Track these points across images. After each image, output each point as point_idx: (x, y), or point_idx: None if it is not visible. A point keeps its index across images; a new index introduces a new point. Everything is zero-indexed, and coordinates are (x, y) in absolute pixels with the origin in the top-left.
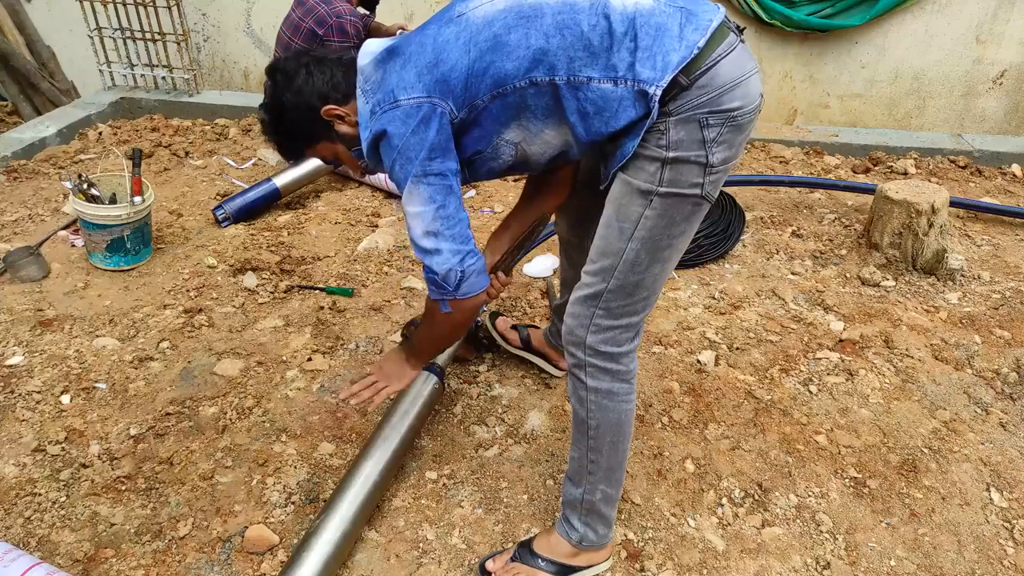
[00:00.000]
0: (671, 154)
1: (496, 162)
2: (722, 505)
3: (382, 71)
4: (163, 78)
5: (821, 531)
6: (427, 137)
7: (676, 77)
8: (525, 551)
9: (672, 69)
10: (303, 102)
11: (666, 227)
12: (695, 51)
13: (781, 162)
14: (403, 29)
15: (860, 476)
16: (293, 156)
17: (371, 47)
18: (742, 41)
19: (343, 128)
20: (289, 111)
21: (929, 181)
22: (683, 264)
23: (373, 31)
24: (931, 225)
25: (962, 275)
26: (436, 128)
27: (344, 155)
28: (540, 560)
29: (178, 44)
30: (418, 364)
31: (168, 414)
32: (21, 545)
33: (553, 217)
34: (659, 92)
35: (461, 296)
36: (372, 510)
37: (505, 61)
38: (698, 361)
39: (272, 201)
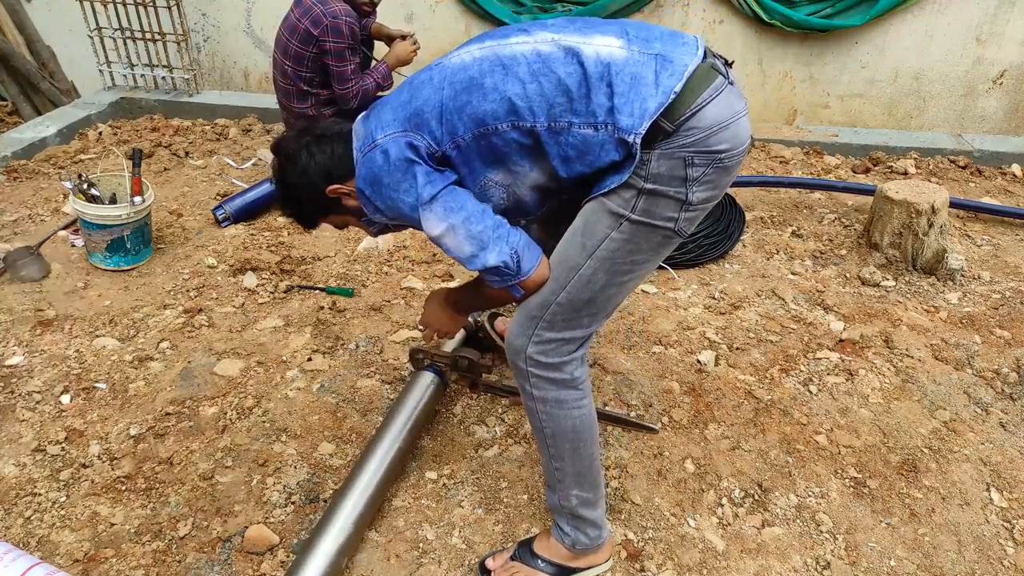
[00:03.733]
0: (649, 185)
1: (487, 204)
2: (722, 505)
3: (364, 125)
4: (163, 78)
5: (821, 531)
6: (412, 168)
7: (658, 122)
8: (525, 551)
9: (650, 116)
10: (308, 183)
11: (629, 252)
12: (672, 96)
13: (781, 162)
14: (408, 36)
15: (860, 476)
16: (309, 227)
17: (361, 118)
18: (731, 83)
19: (350, 203)
20: (297, 192)
21: (929, 181)
22: (683, 264)
23: (374, 33)
24: (931, 225)
25: (962, 275)
26: (416, 157)
27: (355, 223)
28: (540, 561)
29: (178, 44)
30: (466, 312)
31: (168, 414)
32: (21, 545)
33: None
34: (638, 140)
35: (526, 275)
36: (375, 512)
37: (482, 102)
38: (698, 361)
39: (272, 201)
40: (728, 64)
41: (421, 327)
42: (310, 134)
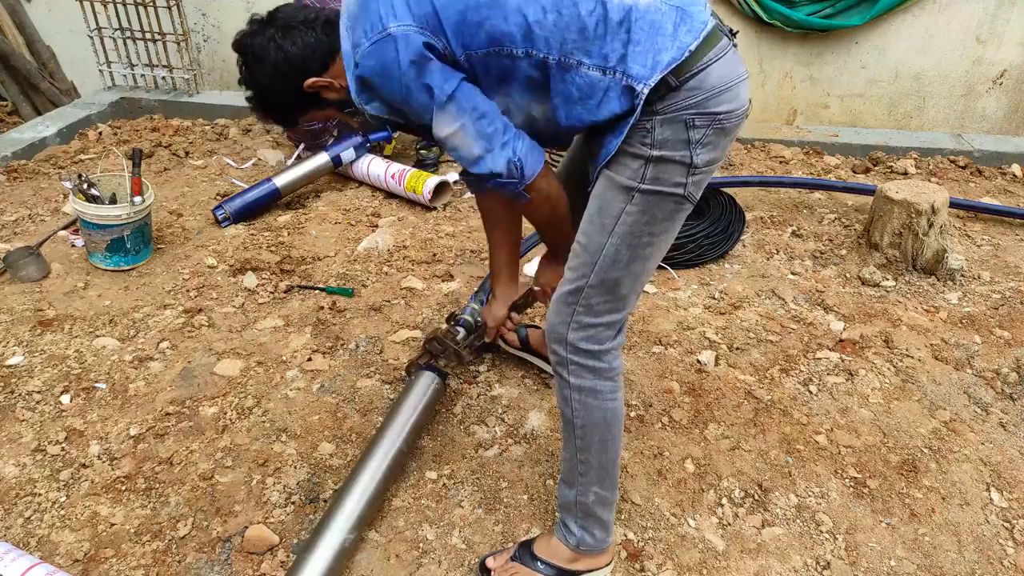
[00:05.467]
0: (655, 152)
1: None
2: (722, 505)
3: (364, 8)
4: (163, 78)
5: (821, 531)
6: (429, 64)
7: (665, 77)
8: (525, 552)
9: (662, 69)
10: (281, 82)
11: (647, 224)
12: (686, 53)
13: (781, 162)
14: None
15: (860, 476)
16: (288, 125)
17: None
18: (734, 45)
19: (331, 95)
20: (270, 92)
21: (929, 181)
22: (683, 264)
23: None
24: (931, 225)
25: (962, 275)
26: (434, 57)
27: (337, 115)
28: (539, 563)
29: (178, 44)
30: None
31: (168, 414)
32: (21, 545)
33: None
34: (646, 90)
35: (531, 177)
36: (376, 513)
37: (501, 21)
38: (698, 361)
39: (272, 201)
40: (733, 33)
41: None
42: (275, 25)
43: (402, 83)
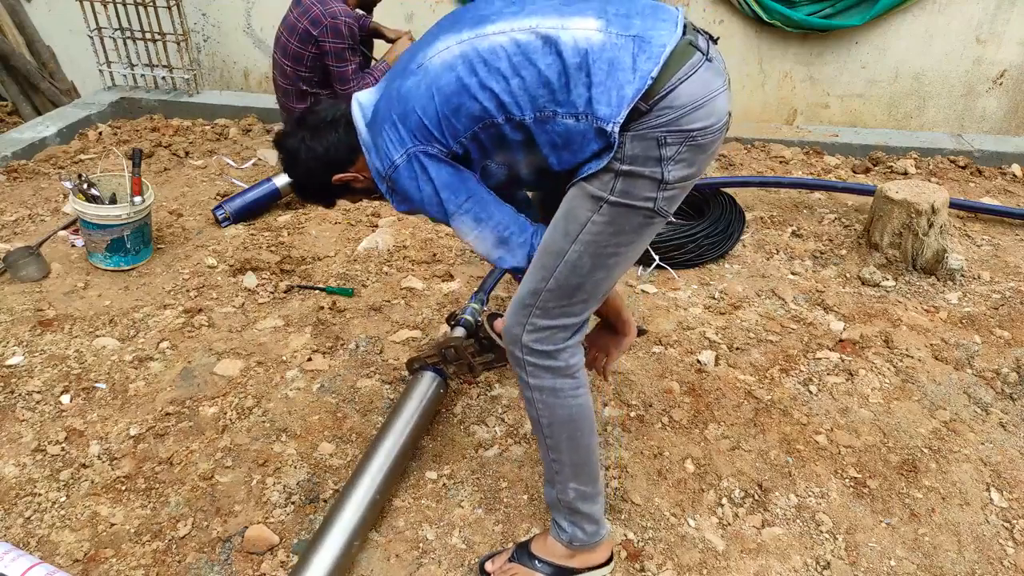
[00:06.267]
0: (625, 167)
1: (490, 180)
2: (722, 505)
3: (372, 136)
4: (163, 78)
5: (821, 531)
6: (437, 182)
7: (635, 104)
8: (523, 552)
9: (628, 103)
10: (313, 178)
11: (613, 235)
12: (649, 81)
13: (781, 162)
14: (407, 33)
15: (860, 476)
16: (327, 207)
17: (362, 104)
18: (708, 60)
19: (358, 185)
20: (306, 183)
21: (929, 181)
22: (683, 264)
23: (373, 32)
24: (931, 225)
25: (962, 275)
26: (435, 170)
27: (369, 199)
28: (537, 562)
29: (178, 44)
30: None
31: (168, 414)
32: (21, 545)
33: None
34: (616, 128)
35: None
36: (378, 514)
37: (471, 102)
38: (698, 361)
39: (272, 201)
40: (713, 40)
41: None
42: (305, 127)
43: (422, 203)
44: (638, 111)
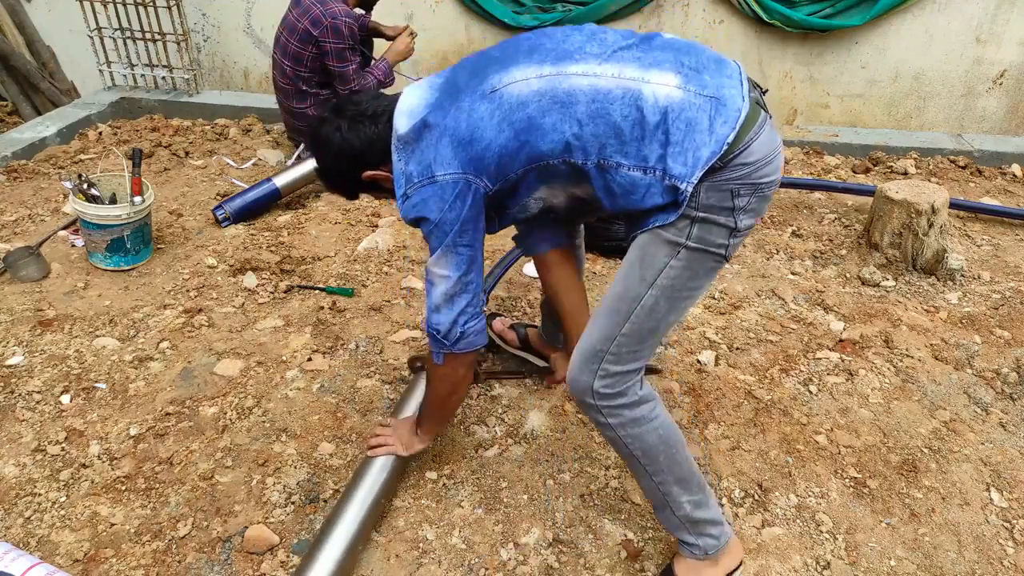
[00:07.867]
0: (701, 214)
1: (524, 214)
2: (722, 505)
3: (417, 140)
4: (163, 78)
5: (821, 531)
6: (461, 213)
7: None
8: None
9: (703, 165)
10: (344, 167)
11: (689, 279)
12: (724, 147)
13: None
14: (405, 29)
15: (860, 476)
16: (350, 199)
17: (409, 105)
18: (770, 116)
19: (387, 184)
20: (333, 173)
21: (929, 181)
22: None
23: (372, 31)
24: (931, 225)
25: (962, 275)
26: (470, 203)
27: (392, 197)
28: None
29: (178, 44)
30: (425, 436)
31: (168, 414)
32: (21, 545)
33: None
34: (690, 188)
35: (458, 351)
36: (379, 515)
37: (540, 143)
38: (698, 361)
39: (272, 201)
40: (763, 92)
41: (380, 430)
42: (344, 116)
43: (435, 222)
44: (713, 168)
